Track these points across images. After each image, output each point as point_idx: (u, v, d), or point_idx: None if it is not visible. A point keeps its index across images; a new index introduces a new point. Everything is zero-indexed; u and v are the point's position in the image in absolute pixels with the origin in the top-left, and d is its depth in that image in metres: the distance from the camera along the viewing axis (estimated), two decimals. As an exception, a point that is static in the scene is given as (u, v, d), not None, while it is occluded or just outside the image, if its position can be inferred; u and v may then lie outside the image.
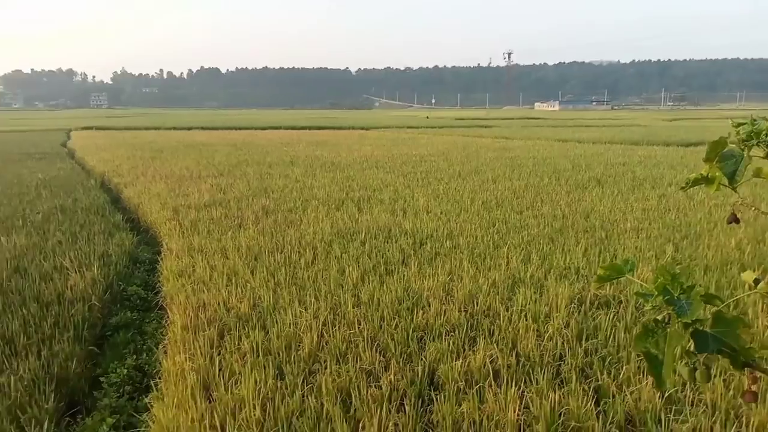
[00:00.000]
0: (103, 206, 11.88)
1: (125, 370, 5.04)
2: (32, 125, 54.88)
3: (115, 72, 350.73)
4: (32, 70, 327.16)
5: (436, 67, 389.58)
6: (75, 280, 6.76)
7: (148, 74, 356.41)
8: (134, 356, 5.42)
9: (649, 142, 28.07)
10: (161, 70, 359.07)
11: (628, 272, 1.65)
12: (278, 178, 15.01)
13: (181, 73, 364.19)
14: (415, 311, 5.44)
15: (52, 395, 4.33)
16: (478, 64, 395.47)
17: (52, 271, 7.22)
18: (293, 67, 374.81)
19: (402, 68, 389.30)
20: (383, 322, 5.20)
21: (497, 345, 4.69)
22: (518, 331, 4.96)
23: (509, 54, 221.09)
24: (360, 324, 5.17)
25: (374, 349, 4.69)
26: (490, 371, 4.28)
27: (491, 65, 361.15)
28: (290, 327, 5.08)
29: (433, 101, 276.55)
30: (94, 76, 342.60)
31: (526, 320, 5.14)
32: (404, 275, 6.52)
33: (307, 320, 5.19)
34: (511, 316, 5.28)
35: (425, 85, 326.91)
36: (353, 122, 58.35)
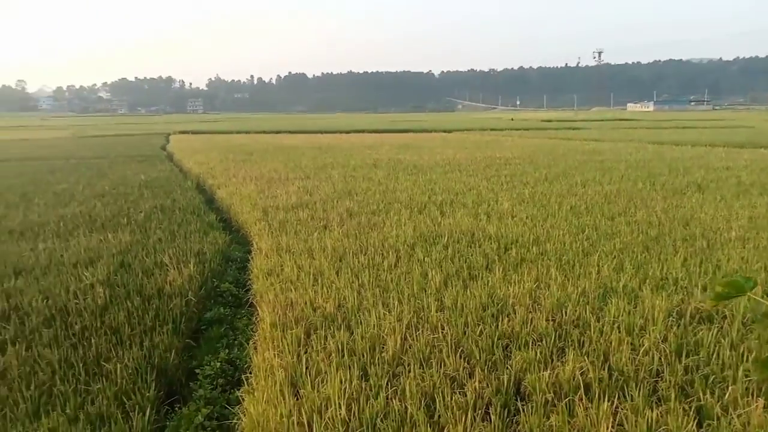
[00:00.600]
0: (198, 206, 12.57)
1: (218, 364, 5.28)
2: (135, 129, 59.07)
3: (210, 79, 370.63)
4: (135, 78, 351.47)
5: (521, 67, 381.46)
6: (173, 276, 7.18)
7: (239, 80, 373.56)
8: (227, 350, 5.67)
9: (755, 145, 26.10)
10: (252, 76, 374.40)
11: (750, 290, 1.52)
12: (362, 180, 15.22)
13: (270, 78, 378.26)
14: (500, 318, 5.33)
15: (153, 384, 4.60)
16: (566, 63, 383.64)
17: (153, 266, 7.71)
18: (377, 71, 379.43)
19: (486, 69, 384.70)
20: (467, 328, 5.13)
21: (588, 357, 4.49)
22: (610, 343, 4.73)
23: (599, 53, 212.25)
24: (443, 329, 5.13)
25: (458, 355, 4.64)
26: (581, 384, 4.10)
27: (580, 65, 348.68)
28: (374, 328, 5.12)
29: (518, 103, 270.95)
30: (190, 83, 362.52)
31: (619, 332, 4.90)
32: (488, 281, 6.40)
33: (390, 323, 5.21)
34: (603, 327, 5.05)
35: (509, 87, 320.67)
36: (436, 125, 58.33)
